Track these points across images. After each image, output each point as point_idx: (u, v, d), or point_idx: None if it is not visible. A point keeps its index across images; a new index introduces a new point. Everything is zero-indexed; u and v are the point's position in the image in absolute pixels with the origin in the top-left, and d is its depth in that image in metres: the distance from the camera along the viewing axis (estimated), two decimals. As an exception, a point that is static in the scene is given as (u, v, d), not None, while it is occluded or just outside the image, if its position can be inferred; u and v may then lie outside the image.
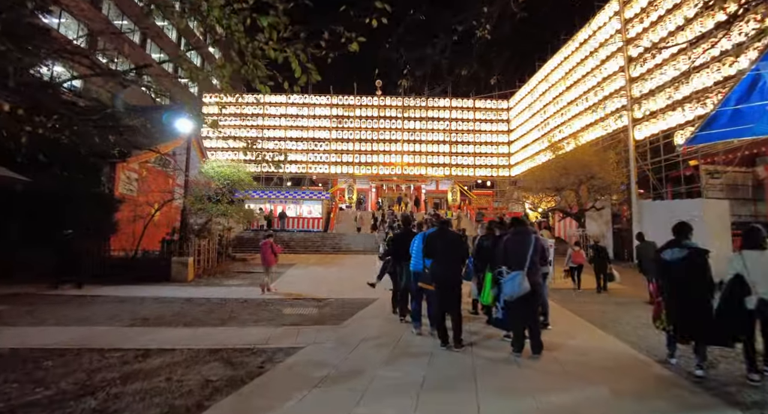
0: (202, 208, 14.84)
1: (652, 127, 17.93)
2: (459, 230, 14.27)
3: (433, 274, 5.33)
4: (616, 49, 20.40)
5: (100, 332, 5.79)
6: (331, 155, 32.41)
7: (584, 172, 18.11)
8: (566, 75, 25.06)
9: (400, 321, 6.69)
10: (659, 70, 17.46)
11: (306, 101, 32.95)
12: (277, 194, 29.36)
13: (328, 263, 16.99)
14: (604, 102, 21.19)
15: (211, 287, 10.98)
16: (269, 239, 10.59)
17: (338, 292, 10.33)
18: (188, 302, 8.51)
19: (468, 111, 33.95)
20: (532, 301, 4.84)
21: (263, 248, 10.40)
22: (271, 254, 10.34)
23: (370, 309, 7.99)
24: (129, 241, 13.24)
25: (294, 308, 8.16)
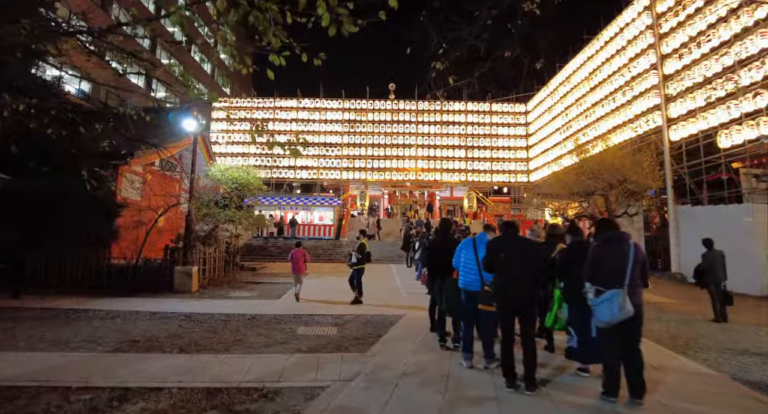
0: (209, 214, 13.86)
1: (690, 127, 16.62)
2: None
3: (499, 294, 4.18)
4: (647, 45, 19.19)
5: (74, 361, 4.72)
6: (342, 161, 31.41)
7: (616, 176, 16.84)
8: (590, 75, 23.85)
9: (440, 347, 5.52)
10: (698, 66, 16.20)
11: (317, 105, 32.08)
12: (288, 200, 28.38)
13: (342, 273, 15.84)
14: (633, 102, 19.92)
15: (216, 300, 9.91)
16: (300, 248, 10.55)
17: (357, 307, 9.24)
18: (188, 319, 7.43)
19: (485, 115, 32.78)
20: (633, 329, 3.67)
21: (295, 256, 10.31)
22: (303, 263, 10.35)
23: (398, 330, 6.83)
24: (131, 249, 12.26)
25: (309, 327, 7.03)
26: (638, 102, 19.55)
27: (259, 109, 31.91)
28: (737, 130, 14.63)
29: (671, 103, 17.55)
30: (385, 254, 20.82)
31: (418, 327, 7.02)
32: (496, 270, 4.17)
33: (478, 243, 4.78)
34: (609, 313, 3.57)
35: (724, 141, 15.12)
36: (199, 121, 13.10)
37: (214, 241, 13.90)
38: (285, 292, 11.32)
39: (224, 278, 13.61)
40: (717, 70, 15.49)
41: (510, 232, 4.33)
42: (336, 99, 32.23)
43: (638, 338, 3.73)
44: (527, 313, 4.10)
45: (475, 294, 4.64)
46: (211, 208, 13.75)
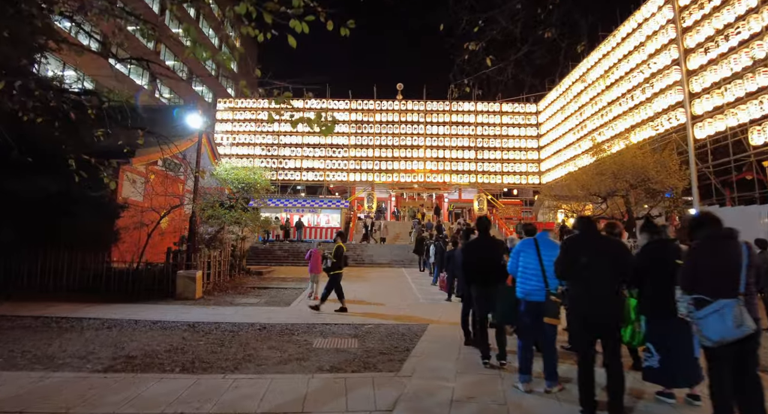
0: (214, 215, 13.16)
1: (717, 124, 15.85)
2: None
3: (575, 307, 3.44)
4: (668, 40, 18.45)
5: (56, 384, 3.98)
6: (349, 162, 30.72)
7: (639, 175, 16.06)
8: (606, 73, 23.11)
9: (483, 365, 4.76)
10: (726, 60, 15.45)
11: (324, 106, 31.45)
12: (294, 203, 27.71)
13: (353, 278, 15.10)
14: (653, 99, 19.16)
15: (222, 307, 9.17)
16: (318, 248, 10.82)
17: (375, 315, 8.50)
18: (192, 329, 6.70)
19: (495, 115, 32.06)
20: (749, 352, 2.91)
21: (314, 256, 10.61)
22: (320, 263, 10.39)
23: (427, 343, 6.06)
24: (131, 251, 11.57)
25: (326, 339, 6.29)
26: (659, 99, 18.81)
27: (263, 110, 31.28)
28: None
29: (696, 99, 16.80)
30: (395, 258, 20.08)
31: (448, 340, 6.28)
32: (573, 277, 3.42)
33: (540, 244, 4.04)
34: (721, 329, 2.81)
35: (756, 138, 14.35)
36: (204, 117, 12.42)
37: (219, 243, 13.20)
38: (295, 299, 10.59)
39: (230, 283, 12.89)
40: (747, 63, 14.75)
41: (591, 229, 3.57)
42: (343, 99, 31.60)
43: (756, 363, 2.97)
44: (611, 330, 3.34)
45: (537, 305, 3.89)
46: (216, 209, 13.05)
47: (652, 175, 15.62)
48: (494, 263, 4.89)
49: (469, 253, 5.21)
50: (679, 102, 17.66)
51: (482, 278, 4.87)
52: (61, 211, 10.61)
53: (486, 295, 4.76)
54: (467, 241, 5.96)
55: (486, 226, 5.24)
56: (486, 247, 5.02)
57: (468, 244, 5.38)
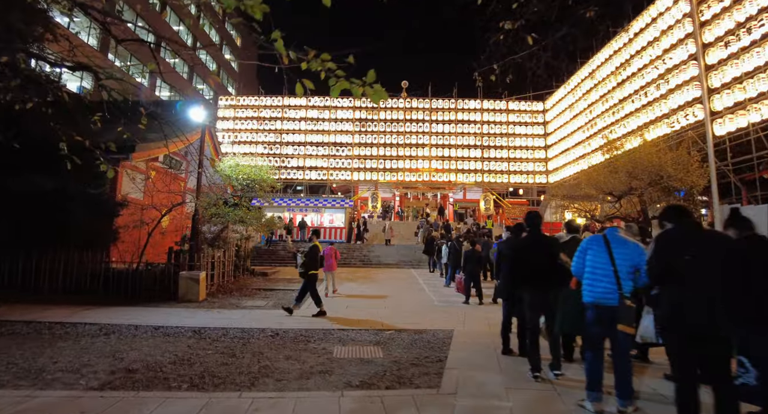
0: (218, 214, 12.57)
1: (739, 120, 15.28)
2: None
3: (673, 316, 2.87)
4: (684, 35, 17.89)
5: (41, 407, 3.39)
6: (353, 161, 30.13)
7: (658, 173, 15.48)
8: (617, 69, 22.55)
9: (533, 378, 4.18)
10: (748, 54, 14.88)
11: (327, 104, 30.87)
12: (297, 202, 27.13)
13: (361, 279, 14.55)
14: (668, 96, 18.60)
15: (228, 310, 8.58)
16: (332, 246, 11.59)
17: (391, 318, 7.96)
18: (198, 336, 6.11)
19: (501, 113, 31.49)
20: None
21: (327, 254, 10.85)
22: (334, 260, 11.32)
23: (460, 353, 5.48)
24: (131, 251, 10.98)
25: (347, 347, 5.71)
26: (674, 95, 18.24)
27: (266, 108, 30.72)
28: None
29: (715, 94, 16.22)
30: (402, 258, 19.49)
31: (481, 348, 5.71)
32: (671, 279, 2.84)
33: (612, 241, 3.47)
34: None
35: (783, 134, 13.79)
36: (207, 111, 11.85)
37: (223, 243, 12.60)
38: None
39: (234, 284, 12.30)
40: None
41: (692, 223, 3.01)
42: (346, 97, 31.00)
43: None
44: (720, 343, 2.76)
45: (610, 310, 3.32)
46: (220, 207, 12.46)
47: (671, 173, 15.04)
48: (552, 263, 4.32)
49: (521, 251, 4.63)
50: (697, 98, 17.08)
51: (538, 280, 4.30)
52: (58, 208, 10.03)
53: (542, 300, 4.19)
54: (517, 238, 5.37)
55: (538, 222, 4.67)
56: (542, 244, 4.46)
57: (520, 242, 4.80)
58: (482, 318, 8.28)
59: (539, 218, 4.69)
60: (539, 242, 4.49)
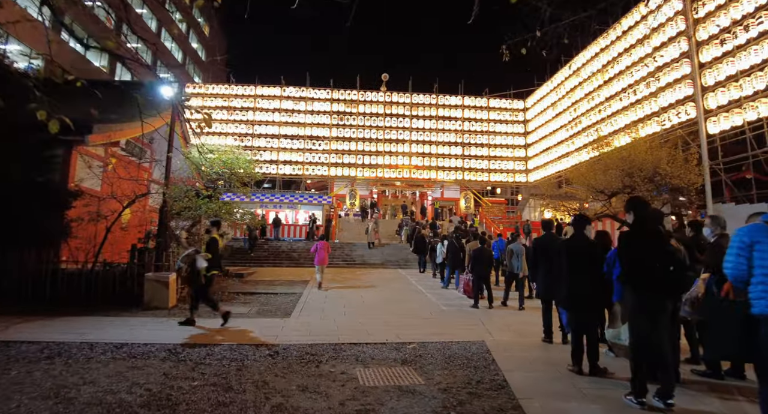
0: (189, 207, 11.04)
1: (734, 119, 15.05)
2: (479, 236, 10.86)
3: None
4: (676, 33, 17.64)
5: None
6: (330, 156, 28.69)
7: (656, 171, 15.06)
8: (604, 67, 22.26)
9: (639, 406, 3.16)
10: (744, 51, 14.65)
11: (303, 95, 29.28)
12: (271, 197, 25.51)
13: (350, 281, 13.30)
14: (659, 94, 18.34)
15: (206, 320, 7.18)
16: (324, 241, 12.08)
17: (403, 328, 6.86)
18: (175, 358, 4.75)
19: (482, 110, 30.88)
20: None
21: (320, 248, 11.65)
22: (326, 254, 11.78)
23: (520, 373, 4.41)
24: (86, 249, 9.30)
25: (371, 369, 4.52)
26: (665, 94, 17.99)
27: (237, 97, 28.82)
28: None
29: (709, 93, 15.97)
30: (387, 258, 18.34)
31: (536, 364, 4.70)
32: None
33: None
34: None
35: (781, 132, 13.57)
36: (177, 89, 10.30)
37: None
38: (294, 307, 8.71)
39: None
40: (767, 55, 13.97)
41: None
42: (324, 88, 29.56)
43: None
44: None
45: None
46: (192, 199, 10.93)
47: (668, 171, 14.64)
48: (674, 262, 3.32)
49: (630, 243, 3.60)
50: (689, 96, 16.84)
51: (654, 282, 3.28)
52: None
53: (658, 309, 3.16)
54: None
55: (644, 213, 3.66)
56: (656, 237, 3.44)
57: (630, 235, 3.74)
58: (504, 325, 7.32)
59: (645, 204, 3.69)
60: (655, 233, 3.49)
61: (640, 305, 3.53)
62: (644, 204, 3.79)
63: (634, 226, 3.79)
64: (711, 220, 4.68)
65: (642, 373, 3.44)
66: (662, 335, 3.51)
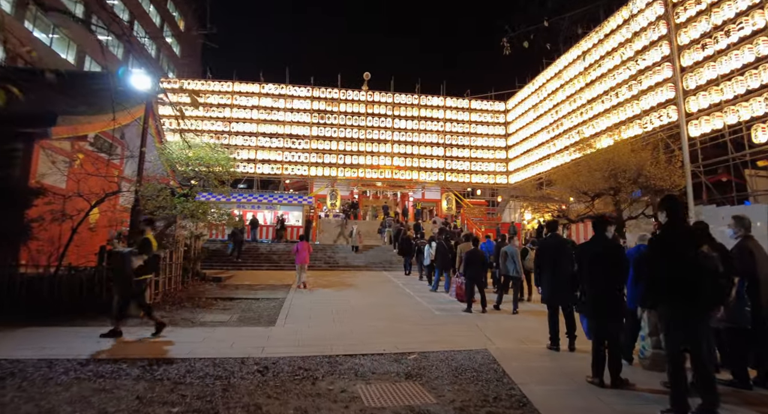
0: (163, 206, 10.32)
1: (715, 122, 15.24)
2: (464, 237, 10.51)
3: None
4: (658, 37, 17.83)
5: None
6: (310, 155, 28.02)
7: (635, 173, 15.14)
8: (586, 70, 22.40)
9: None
10: (725, 57, 14.85)
11: (282, 92, 28.52)
12: (249, 197, 24.67)
13: (335, 285, 12.78)
14: (641, 97, 18.51)
15: (183, 330, 6.58)
16: (305, 241, 12.17)
17: (399, 335, 6.46)
18: (150, 375, 4.18)
19: (463, 112, 30.78)
20: None
21: (302, 247, 11.74)
22: (307, 254, 11.89)
23: (539, 387, 4.04)
24: (48, 251, 8.52)
25: (374, 385, 4.07)
26: (647, 96, 18.15)
27: (214, 93, 27.84)
28: (778, 123, 13.33)
29: (690, 96, 16.15)
30: (371, 260, 17.89)
31: (556, 376, 4.34)
32: None
33: None
34: None
35: (761, 136, 13.77)
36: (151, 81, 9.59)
37: (170, 242, 10.36)
38: (277, 313, 8.16)
39: (183, 293, 10.13)
40: (749, 60, 14.17)
41: None
42: (304, 86, 28.88)
43: None
44: None
45: None
46: (167, 197, 10.21)
47: (652, 172, 14.73)
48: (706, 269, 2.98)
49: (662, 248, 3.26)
50: (671, 99, 17.03)
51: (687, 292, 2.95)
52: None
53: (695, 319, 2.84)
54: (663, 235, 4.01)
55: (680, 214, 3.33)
56: (688, 243, 3.10)
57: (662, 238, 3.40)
58: (502, 330, 7.00)
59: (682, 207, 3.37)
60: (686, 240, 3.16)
61: (674, 316, 3.21)
62: (680, 204, 3.47)
63: (667, 229, 3.47)
64: (735, 220, 4.43)
65: (683, 389, 3.12)
66: (701, 347, 3.19)
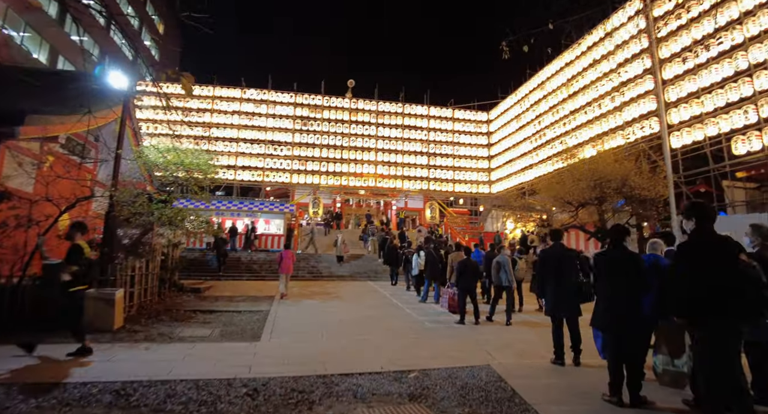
0: (140, 213, 9.73)
1: (696, 133, 15.52)
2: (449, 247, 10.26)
3: None
4: (640, 50, 18.19)
5: None
6: (292, 162, 27.50)
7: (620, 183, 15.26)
8: (569, 81, 22.69)
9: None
10: (705, 70, 15.18)
11: (264, 98, 28.00)
12: (228, 205, 23.96)
13: (319, 295, 12.32)
14: (623, 108, 18.79)
15: (160, 346, 6.08)
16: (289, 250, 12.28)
17: (395, 351, 6.09)
18: (125, 402, 3.72)
19: (447, 121, 30.84)
20: None
21: (286, 255, 11.62)
22: (291, 262, 11.79)
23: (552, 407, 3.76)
24: (12, 261, 7.86)
25: (375, 411, 3.71)
26: (630, 108, 18.44)
27: (194, 98, 27.14)
28: (757, 135, 13.62)
29: (672, 108, 16.45)
30: (355, 269, 17.50)
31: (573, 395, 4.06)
32: None
33: None
34: None
35: (741, 147, 14.04)
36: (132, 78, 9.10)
37: (146, 251, 9.77)
38: (262, 327, 7.70)
39: (160, 305, 9.54)
40: (728, 74, 14.51)
41: None
42: (287, 92, 28.44)
43: None
44: None
45: None
46: (144, 203, 9.63)
47: (637, 182, 14.87)
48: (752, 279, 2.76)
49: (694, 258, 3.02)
50: (653, 111, 17.31)
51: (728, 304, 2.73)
52: None
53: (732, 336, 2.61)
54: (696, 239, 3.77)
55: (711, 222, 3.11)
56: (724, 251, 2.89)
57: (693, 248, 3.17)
58: (501, 343, 6.75)
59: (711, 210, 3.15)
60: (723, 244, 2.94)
61: (711, 333, 2.97)
62: (711, 209, 3.26)
63: (696, 238, 3.24)
64: (752, 229, 4.27)
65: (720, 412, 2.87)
66: (737, 365, 2.97)
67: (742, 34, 14.17)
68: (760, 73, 13.55)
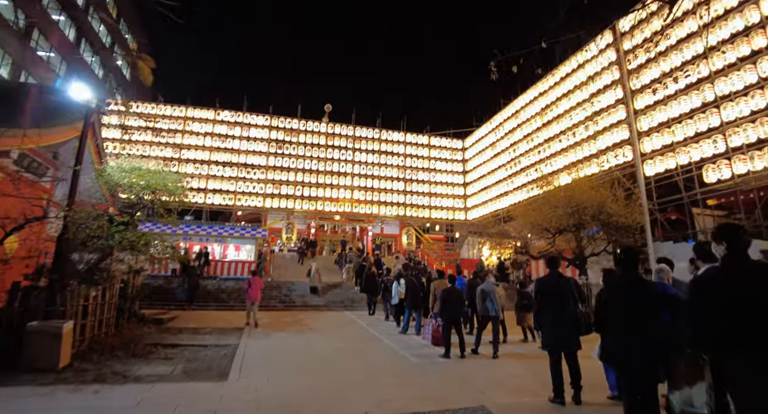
0: (98, 236, 8.88)
1: (668, 162, 15.88)
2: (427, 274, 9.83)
3: None
4: (611, 81, 18.79)
5: None
6: (266, 186, 26.78)
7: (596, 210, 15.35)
8: (543, 110, 23.19)
9: None
10: (675, 101, 15.70)
11: (239, 120, 27.44)
12: (197, 229, 22.86)
13: (292, 326, 11.54)
14: (597, 137, 19.20)
15: (110, 388, 5.30)
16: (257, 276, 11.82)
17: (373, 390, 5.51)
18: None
19: (423, 148, 30.96)
20: None
21: (254, 283, 11.27)
22: (259, 290, 11.41)
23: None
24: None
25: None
26: (603, 137, 18.85)
27: (165, 118, 26.31)
28: (726, 164, 13.98)
29: (644, 137, 16.87)
30: (331, 298, 16.72)
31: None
32: None
33: None
34: None
35: (711, 175, 14.37)
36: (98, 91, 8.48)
37: (104, 278, 8.88)
38: (230, 363, 6.95)
39: (116, 338, 8.62)
40: (696, 105, 15.02)
41: None
42: (262, 114, 27.99)
43: None
44: None
45: None
46: (102, 226, 8.81)
47: (615, 210, 14.97)
48: None
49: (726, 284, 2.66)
50: (626, 139, 17.72)
51: None
52: None
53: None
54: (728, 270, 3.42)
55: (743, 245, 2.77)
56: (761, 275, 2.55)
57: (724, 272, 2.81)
58: (492, 380, 6.26)
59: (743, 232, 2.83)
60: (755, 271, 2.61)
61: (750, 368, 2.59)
62: (742, 232, 2.94)
63: (730, 263, 2.91)
64: (763, 255, 4.03)
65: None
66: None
67: (708, 68, 14.74)
68: (726, 105, 14.04)
